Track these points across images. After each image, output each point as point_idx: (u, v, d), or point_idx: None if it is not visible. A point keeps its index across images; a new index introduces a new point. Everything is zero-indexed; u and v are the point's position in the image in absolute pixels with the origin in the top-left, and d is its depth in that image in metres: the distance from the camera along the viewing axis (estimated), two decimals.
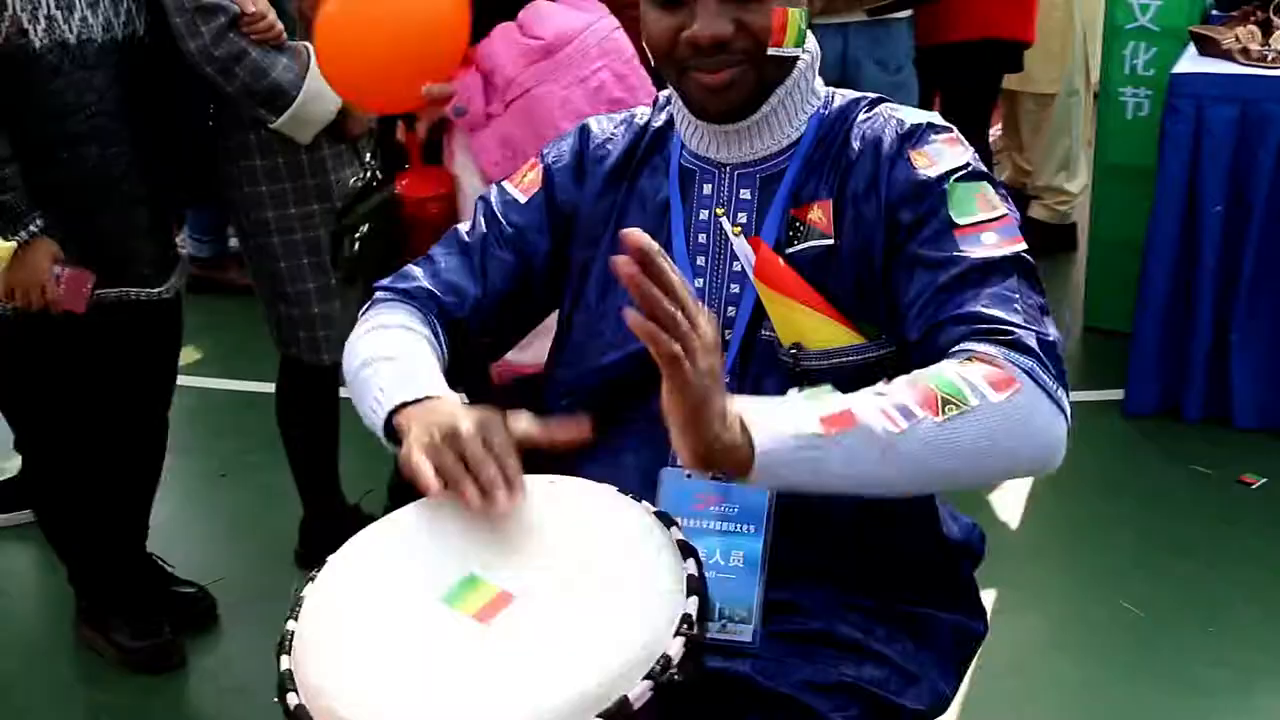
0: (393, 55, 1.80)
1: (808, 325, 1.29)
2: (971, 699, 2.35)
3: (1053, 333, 1.21)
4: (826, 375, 1.22)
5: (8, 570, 3.03)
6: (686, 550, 1.07)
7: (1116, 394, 3.42)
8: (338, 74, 1.91)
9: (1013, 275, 1.23)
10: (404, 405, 1.22)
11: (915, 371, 1.15)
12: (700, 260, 1.37)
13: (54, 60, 2.11)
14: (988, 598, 2.61)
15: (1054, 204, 4.34)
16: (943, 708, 1.38)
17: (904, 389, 1.12)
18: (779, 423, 1.08)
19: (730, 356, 1.32)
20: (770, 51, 1.26)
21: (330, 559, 1.12)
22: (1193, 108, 3.11)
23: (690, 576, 1.03)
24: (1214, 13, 3.55)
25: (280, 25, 2.35)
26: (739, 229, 1.35)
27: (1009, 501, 3.04)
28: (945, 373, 1.14)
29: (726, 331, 1.34)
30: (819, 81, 1.38)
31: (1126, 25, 3.50)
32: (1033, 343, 1.17)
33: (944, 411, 1.10)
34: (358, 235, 1.96)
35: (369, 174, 2.07)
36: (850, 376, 1.19)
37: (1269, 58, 3.13)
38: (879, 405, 1.11)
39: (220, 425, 3.56)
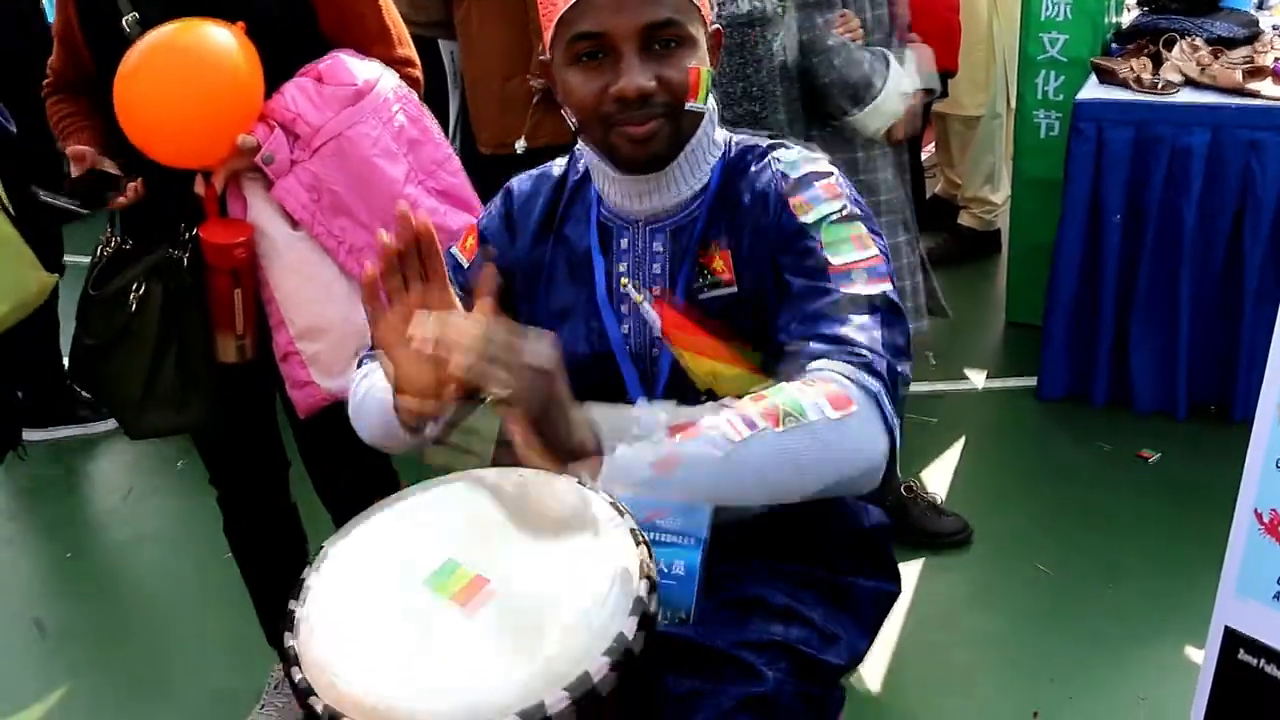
0: (204, 110, 1.81)
1: (716, 373, 1.36)
2: (903, 648, 2.54)
3: (903, 368, 1.27)
4: None
5: None
6: (638, 538, 1.11)
7: (1031, 381, 3.57)
8: (143, 130, 1.84)
9: (877, 313, 1.28)
10: None
11: (759, 390, 1.21)
12: (624, 308, 1.44)
13: None
14: (916, 561, 2.86)
15: (980, 213, 4.51)
16: (859, 661, 1.48)
17: (749, 404, 1.18)
18: (621, 455, 1.15)
19: (660, 387, 1.42)
20: (686, 106, 1.34)
21: (327, 545, 1.16)
22: (1094, 130, 3.24)
23: (643, 561, 1.08)
24: (1113, 46, 3.69)
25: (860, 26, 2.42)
26: (641, 298, 1.42)
27: (937, 476, 3.17)
28: (789, 391, 1.19)
29: (653, 368, 1.42)
30: (719, 132, 1.45)
31: (1039, 56, 3.65)
32: (883, 369, 1.23)
33: (784, 423, 1.16)
34: (133, 295, 1.95)
35: (117, 242, 2.02)
36: None
37: (1159, 86, 3.26)
38: (725, 418, 1.17)
39: None
